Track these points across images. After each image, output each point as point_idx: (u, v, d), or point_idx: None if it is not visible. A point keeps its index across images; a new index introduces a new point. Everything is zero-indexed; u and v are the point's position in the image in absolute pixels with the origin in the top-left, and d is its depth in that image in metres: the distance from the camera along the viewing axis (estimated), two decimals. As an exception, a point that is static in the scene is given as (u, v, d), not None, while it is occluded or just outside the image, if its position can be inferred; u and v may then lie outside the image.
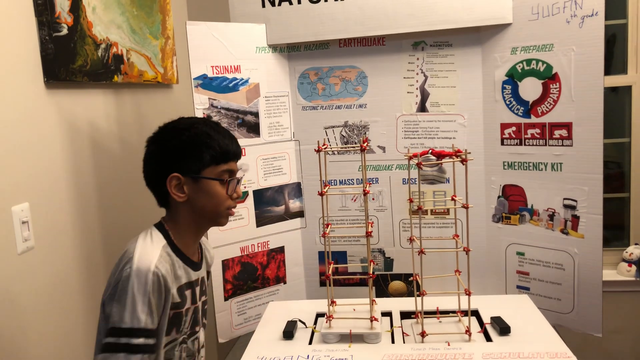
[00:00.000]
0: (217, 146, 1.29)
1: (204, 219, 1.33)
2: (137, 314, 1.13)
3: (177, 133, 1.30)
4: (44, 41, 1.46)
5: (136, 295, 1.14)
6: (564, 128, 1.76)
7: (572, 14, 1.69)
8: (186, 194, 1.28)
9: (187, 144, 1.28)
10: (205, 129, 1.30)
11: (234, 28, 1.92)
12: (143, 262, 1.17)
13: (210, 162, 1.28)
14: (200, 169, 1.28)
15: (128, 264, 1.17)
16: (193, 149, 1.27)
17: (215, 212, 1.32)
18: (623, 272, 2.44)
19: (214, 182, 1.29)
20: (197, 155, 1.27)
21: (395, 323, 1.68)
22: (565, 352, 1.43)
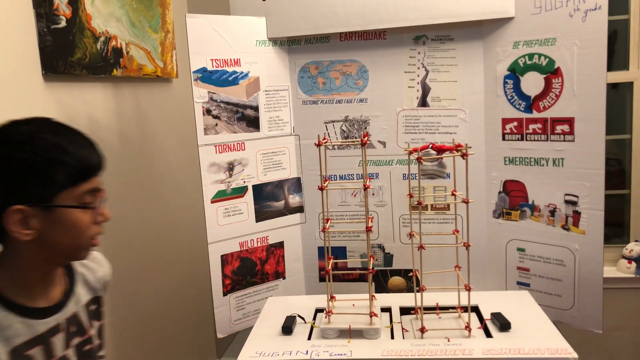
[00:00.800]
0: (74, 161, 0.97)
1: (58, 256, 1.02)
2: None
3: (13, 149, 0.93)
4: (42, 33, 1.44)
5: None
6: (566, 123, 1.75)
7: (575, 7, 1.67)
8: (33, 229, 0.94)
9: (30, 163, 0.92)
10: (54, 139, 0.96)
11: (234, 21, 1.91)
12: None
13: (65, 184, 0.96)
14: (52, 195, 0.95)
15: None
16: (39, 169, 0.93)
17: (75, 247, 1.02)
18: (623, 269, 2.44)
19: (74, 210, 0.97)
20: (46, 177, 0.93)
21: (395, 319, 1.67)
22: (565, 348, 1.42)
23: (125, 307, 1.84)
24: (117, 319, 1.79)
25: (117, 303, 1.79)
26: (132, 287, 1.89)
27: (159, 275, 2.06)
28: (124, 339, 1.83)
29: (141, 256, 1.96)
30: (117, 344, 1.78)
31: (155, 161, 2.08)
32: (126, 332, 1.84)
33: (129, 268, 1.87)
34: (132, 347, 1.88)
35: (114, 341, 1.77)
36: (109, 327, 1.75)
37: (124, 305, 1.83)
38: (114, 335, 1.77)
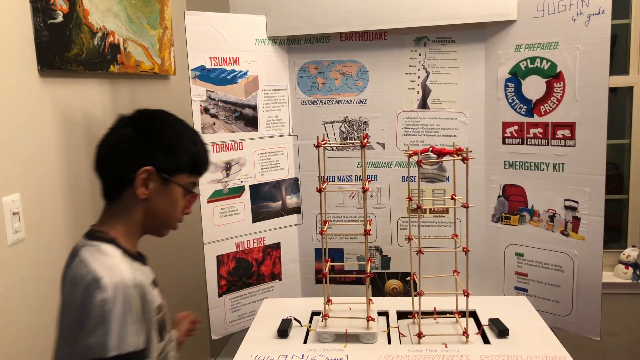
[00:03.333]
0: (198, 156, 1.20)
1: (153, 223, 1.19)
2: (125, 337, 0.99)
3: (164, 126, 1.17)
4: (39, 28, 1.42)
5: (120, 317, 0.99)
6: (567, 128, 1.74)
7: (578, 11, 1.66)
8: (149, 192, 1.13)
9: (172, 140, 1.16)
10: (192, 134, 1.21)
11: (234, 19, 1.89)
12: (116, 279, 1.01)
13: (185, 169, 1.18)
14: (173, 172, 1.16)
15: (96, 289, 0.99)
16: (177, 149, 1.16)
17: (167, 220, 1.20)
18: (620, 274, 2.43)
19: (180, 190, 1.17)
20: (178, 157, 1.16)
21: (392, 323, 1.66)
22: (564, 355, 1.41)
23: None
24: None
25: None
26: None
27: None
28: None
29: (136, 255, 1.94)
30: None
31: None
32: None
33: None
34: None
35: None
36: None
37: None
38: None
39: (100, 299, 0.98)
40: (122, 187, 1.13)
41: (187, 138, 1.19)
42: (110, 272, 1.02)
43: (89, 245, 1.10)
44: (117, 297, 0.99)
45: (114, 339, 0.98)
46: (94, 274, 1.01)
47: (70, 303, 1.05)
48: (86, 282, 1.01)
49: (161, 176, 1.14)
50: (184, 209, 1.21)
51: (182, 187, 1.17)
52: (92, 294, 0.99)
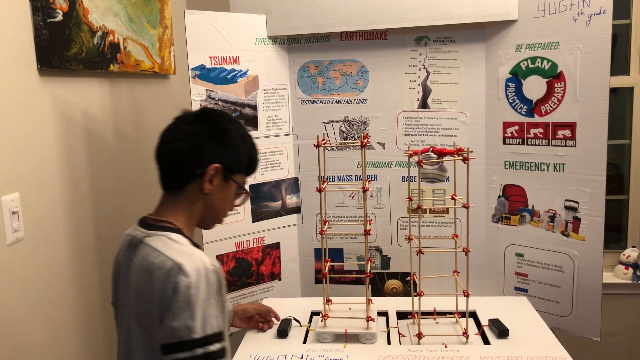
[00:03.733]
0: (254, 159, 1.29)
1: (208, 217, 1.26)
2: (208, 319, 1.04)
3: (232, 127, 1.25)
4: (38, 27, 1.41)
5: (204, 300, 1.04)
6: (567, 128, 1.74)
7: (579, 11, 1.66)
8: (212, 188, 1.20)
9: (237, 141, 1.24)
10: (251, 139, 1.29)
11: (234, 18, 1.88)
12: (198, 265, 1.05)
13: (243, 169, 1.27)
14: (235, 172, 1.24)
15: (180, 276, 1.03)
16: (240, 151, 1.24)
17: (219, 215, 1.28)
18: (620, 275, 2.43)
19: (235, 187, 1.25)
20: (241, 158, 1.24)
21: (392, 323, 1.66)
22: (564, 356, 1.41)
23: (118, 307, 1.82)
24: (112, 316, 1.77)
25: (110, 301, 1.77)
26: (125, 286, 1.87)
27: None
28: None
29: (135, 255, 1.94)
30: (110, 343, 1.76)
31: (151, 158, 2.05)
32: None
33: (122, 267, 1.85)
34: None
35: (108, 339, 1.75)
36: (103, 324, 1.72)
37: (116, 305, 1.81)
38: (108, 333, 1.75)
39: (184, 284, 1.02)
40: (188, 180, 1.19)
41: (248, 142, 1.27)
42: (189, 258, 1.06)
43: (156, 235, 1.14)
44: (200, 281, 1.04)
45: (198, 321, 1.02)
46: (173, 260, 1.05)
47: (146, 291, 1.08)
48: (166, 269, 1.05)
49: (224, 174, 1.20)
50: (233, 206, 1.29)
51: (239, 185, 1.25)
52: (176, 279, 1.03)
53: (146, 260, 1.10)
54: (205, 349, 1.02)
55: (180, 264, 1.04)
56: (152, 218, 1.21)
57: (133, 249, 1.16)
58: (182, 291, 1.02)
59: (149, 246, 1.12)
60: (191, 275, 1.03)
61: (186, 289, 1.02)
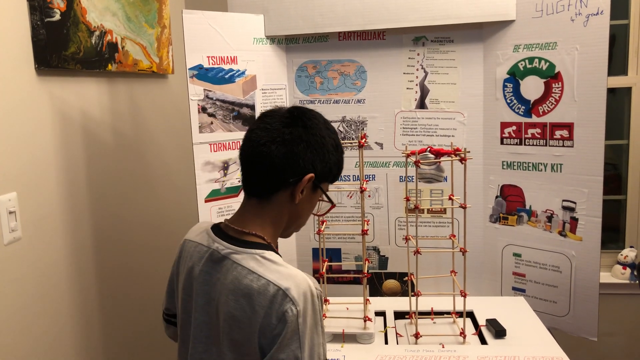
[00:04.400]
0: (340, 167, 1.17)
1: (291, 226, 1.16)
2: (316, 349, 0.97)
3: (328, 134, 1.13)
4: (36, 26, 1.41)
5: (311, 328, 0.97)
6: (565, 128, 1.74)
7: (576, 12, 1.66)
8: (301, 198, 1.09)
9: (331, 150, 1.12)
10: (340, 145, 1.17)
11: (232, 18, 1.88)
12: (304, 289, 0.97)
13: (329, 178, 1.15)
14: (323, 180, 1.13)
15: (287, 304, 0.95)
16: (331, 159, 1.12)
17: (298, 224, 1.17)
18: (617, 275, 2.43)
19: (318, 197, 1.15)
20: (330, 166, 1.12)
21: (389, 323, 1.66)
22: (561, 356, 1.42)
23: (118, 305, 1.82)
24: (110, 316, 1.77)
25: (109, 300, 1.77)
26: (124, 285, 1.87)
27: (150, 274, 2.03)
28: (116, 337, 1.81)
29: (133, 254, 1.93)
30: (109, 341, 1.76)
31: (149, 158, 2.06)
32: (118, 329, 1.82)
33: (120, 266, 1.85)
34: (124, 344, 1.86)
35: (106, 338, 1.75)
36: (100, 324, 1.72)
37: (116, 303, 1.81)
38: (105, 333, 1.75)
39: (293, 313, 0.95)
40: (280, 188, 1.08)
41: (340, 150, 1.16)
42: (294, 281, 0.98)
43: (247, 253, 1.04)
44: (307, 309, 0.97)
45: (306, 351, 0.95)
46: (276, 285, 0.97)
47: (244, 318, 0.98)
48: (269, 296, 0.96)
49: (315, 183, 1.10)
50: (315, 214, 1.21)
51: (327, 196, 1.16)
52: (283, 308, 0.95)
53: (242, 284, 0.99)
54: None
55: (286, 289, 0.96)
56: (234, 229, 1.09)
57: (215, 264, 1.06)
58: (291, 321, 0.94)
59: (240, 266, 1.02)
60: (298, 302, 0.95)
61: (294, 318, 0.94)
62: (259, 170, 1.07)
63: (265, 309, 0.95)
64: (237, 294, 0.99)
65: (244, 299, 0.98)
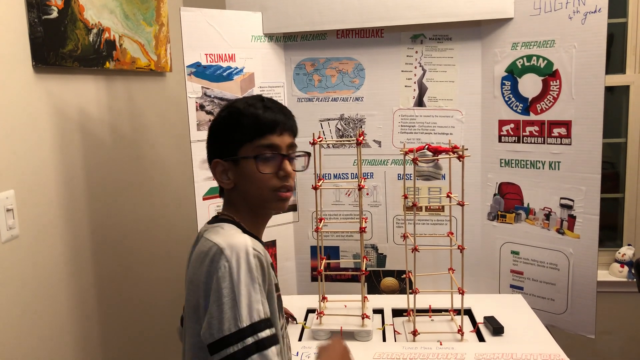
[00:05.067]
0: (250, 120, 1.14)
1: (254, 205, 1.18)
2: (253, 305, 0.99)
3: (216, 116, 1.20)
4: (33, 24, 1.41)
5: (245, 286, 0.99)
6: (563, 126, 1.74)
7: (574, 9, 1.66)
8: (231, 179, 1.15)
9: (221, 125, 1.17)
10: (240, 104, 1.17)
11: (230, 15, 1.88)
12: (238, 249, 1.02)
13: (242, 139, 1.14)
14: (236, 149, 1.14)
15: (221, 260, 1.01)
16: (225, 129, 1.16)
17: (260, 197, 1.15)
18: (615, 273, 2.43)
19: (250, 160, 1.13)
20: (230, 135, 1.15)
21: (387, 320, 1.66)
22: (558, 354, 1.42)
23: (116, 302, 1.82)
24: (108, 314, 1.77)
25: (107, 297, 1.77)
26: (122, 282, 1.86)
27: (149, 272, 2.03)
28: (114, 334, 1.81)
29: (131, 252, 1.93)
30: (107, 339, 1.76)
31: (147, 156, 2.05)
32: (116, 327, 1.82)
33: (118, 264, 1.84)
34: (122, 342, 1.86)
35: (104, 336, 1.75)
36: (98, 323, 1.72)
37: (113, 301, 1.80)
38: (104, 333, 1.75)
39: (225, 267, 1.00)
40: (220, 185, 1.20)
41: (233, 112, 1.16)
42: (231, 243, 1.04)
43: (213, 228, 1.13)
44: (240, 264, 1.01)
45: (244, 309, 0.98)
46: (217, 244, 1.04)
47: (195, 280, 1.06)
48: (212, 254, 1.03)
49: (230, 160, 1.14)
50: (276, 172, 1.15)
51: (248, 158, 1.13)
52: (217, 265, 1.01)
53: (199, 251, 1.08)
54: (255, 337, 0.97)
55: (222, 248, 1.02)
56: (221, 213, 1.21)
57: (196, 243, 1.16)
58: (221, 278, 0.99)
59: (203, 237, 1.11)
60: (232, 260, 1.01)
61: (225, 276, 1.00)
62: None
63: (207, 267, 1.03)
64: (195, 260, 1.08)
65: (197, 262, 1.07)
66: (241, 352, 0.96)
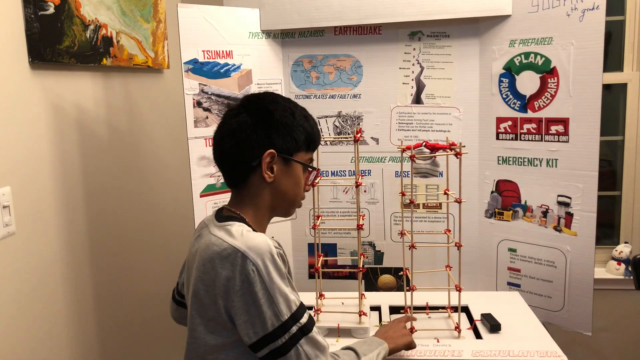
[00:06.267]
0: (311, 132, 1.21)
1: (281, 205, 1.21)
2: (289, 297, 1.05)
3: (277, 107, 1.18)
4: (29, 19, 1.41)
5: (277, 285, 1.04)
6: (560, 124, 1.74)
7: (572, 7, 1.66)
8: (274, 175, 1.17)
9: (287, 120, 1.17)
10: (302, 111, 1.22)
11: (227, 12, 1.87)
12: (263, 250, 1.04)
13: (302, 147, 1.19)
14: (294, 151, 1.18)
15: (248, 265, 1.03)
16: (293, 128, 1.17)
17: (293, 200, 1.22)
18: (612, 271, 2.44)
19: (300, 167, 1.19)
20: (295, 136, 1.17)
21: (384, 318, 1.66)
22: (555, 351, 1.42)
23: (113, 299, 1.82)
24: (104, 311, 1.76)
25: (104, 294, 1.76)
26: (119, 279, 1.86)
27: (145, 269, 2.03)
28: (111, 332, 1.80)
29: (128, 249, 1.93)
30: (103, 336, 1.76)
31: (144, 153, 2.05)
32: (113, 324, 1.82)
33: (115, 260, 1.84)
34: (119, 339, 1.85)
35: (101, 333, 1.75)
36: (95, 320, 1.72)
37: (110, 298, 1.80)
38: (101, 327, 1.75)
39: (255, 272, 1.03)
40: (248, 174, 1.17)
41: (299, 115, 1.19)
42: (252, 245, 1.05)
43: (220, 226, 1.13)
44: (268, 266, 1.04)
45: (281, 304, 1.04)
46: (237, 248, 1.05)
47: (207, 280, 1.07)
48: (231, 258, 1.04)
49: (283, 157, 1.16)
50: (306, 186, 1.23)
51: (303, 164, 1.20)
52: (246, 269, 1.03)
53: (209, 250, 1.08)
54: (297, 325, 1.05)
55: (245, 252, 1.04)
56: (227, 209, 1.20)
57: (199, 238, 1.16)
58: (255, 280, 1.03)
59: (211, 235, 1.11)
60: (258, 262, 1.03)
61: (256, 278, 1.03)
62: (224, 166, 1.19)
63: (227, 271, 1.04)
64: (204, 259, 1.08)
65: (209, 262, 1.07)
66: (289, 341, 1.04)
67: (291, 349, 1.05)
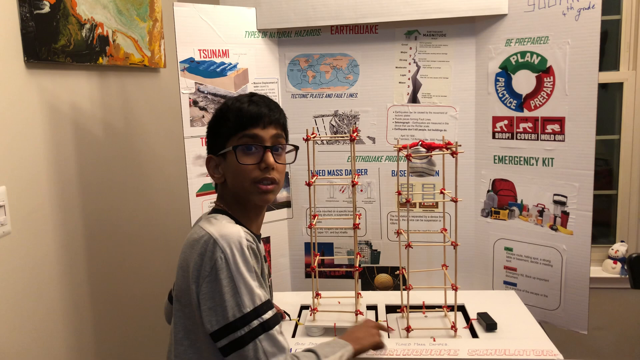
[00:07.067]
0: (234, 114, 1.19)
1: (240, 198, 1.21)
2: (254, 291, 1.06)
3: (215, 112, 1.26)
4: (25, 18, 1.40)
5: (243, 274, 1.06)
6: (556, 123, 1.74)
7: (568, 6, 1.66)
8: (221, 174, 1.22)
9: (212, 121, 1.25)
10: (229, 101, 1.23)
11: (223, 11, 1.87)
12: (231, 239, 1.08)
13: (228, 133, 1.19)
14: (224, 144, 1.20)
15: (217, 252, 1.06)
16: (215, 124, 1.23)
17: (242, 189, 1.19)
18: (608, 269, 2.44)
19: (231, 153, 1.18)
20: (218, 130, 1.21)
21: (381, 317, 1.66)
22: (551, 349, 1.42)
23: (109, 298, 1.81)
24: (100, 310, 1.76)
25: (100, 294, 1.76)
26: (115, 278, 1.86)
27: (141, 268, 2.03)
28: (107, 331, 1.80)
29: (124, 248, 1.93)
30: (100, 335, 1.76)
31: (141, 152, 2.05)
32: (109, 323, 1.81)
33: (111, 260, 1.84)
34: (115, 338, 1.85)
35: (97, 332, 1.75)
36: (91, 319, 1.72)
37: (106, 297, 1.80)
38: (97, 325, 1.74)
39: (221, 261, 1.06)
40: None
41: (231, 101, 1.22)
42: (224, 233, 1.09)
43: (206, 217, 1.20)
44: (235, 256, 1.07)
45: (245, 295, 1.06)
46: (210, 234, 1.09)
47: (185, 265, 1.12)
48: (203, 242, 1.09)
49: (219, 155, 1.21)
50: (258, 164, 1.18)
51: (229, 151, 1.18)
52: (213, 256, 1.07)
53: (191, 238, 1.14)
54: (259, 320, 1.06)
55: (216, 238, 1.08)
56: (216, 203, 1.27)
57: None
58: (220, 268, 1.05)
59: (196, 225, 1.18)
60: (227, 251, 1.06)
61: (223, 265, 1.06)
62: None
63: (200, 255, 1.08)
64: (185, 245, 1.15)
65: (188, 248, 1.12)
66: (248, 334, 1.05)
67: (249, 343, 1.05)
